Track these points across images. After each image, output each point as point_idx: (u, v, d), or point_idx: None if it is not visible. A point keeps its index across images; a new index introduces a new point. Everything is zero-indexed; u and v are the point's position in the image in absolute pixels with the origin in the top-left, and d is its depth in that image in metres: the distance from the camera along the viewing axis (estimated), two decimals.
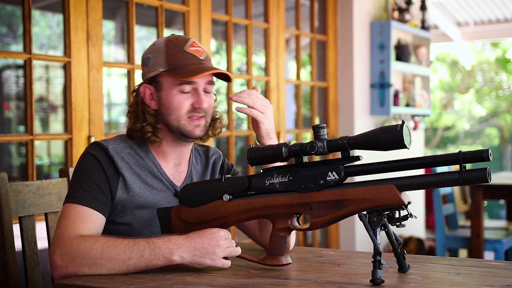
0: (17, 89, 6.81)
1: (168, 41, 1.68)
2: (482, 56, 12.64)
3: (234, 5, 3.82)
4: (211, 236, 1.47)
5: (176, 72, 1.63)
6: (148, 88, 1.68)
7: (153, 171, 1.68)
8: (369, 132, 1.37)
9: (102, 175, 1.60)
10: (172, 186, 1.70)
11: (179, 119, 1.65)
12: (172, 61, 1.64)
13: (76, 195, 1.56)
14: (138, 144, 1.69)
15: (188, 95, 1.65)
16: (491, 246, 4.16)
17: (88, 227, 1.53)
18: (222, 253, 1.47)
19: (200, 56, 1.66)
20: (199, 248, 1.46)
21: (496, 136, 13.28)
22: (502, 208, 8.26)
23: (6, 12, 7.07)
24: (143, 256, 1.44)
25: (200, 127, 1.67)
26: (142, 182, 1.65)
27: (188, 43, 1.67)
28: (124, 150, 1.66)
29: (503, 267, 1.49)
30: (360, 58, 4.70)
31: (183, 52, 1.65)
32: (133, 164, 1.65)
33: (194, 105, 1.64)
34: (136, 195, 1.64)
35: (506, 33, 7.39)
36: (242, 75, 4.47)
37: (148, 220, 1.66)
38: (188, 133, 1.66)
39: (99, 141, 1.66)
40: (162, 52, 1.66)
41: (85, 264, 1.44)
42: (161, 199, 1.67)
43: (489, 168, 1.27)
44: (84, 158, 1.63)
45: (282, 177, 1.47)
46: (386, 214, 1.36)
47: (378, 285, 1.31)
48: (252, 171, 3.42)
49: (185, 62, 1.64)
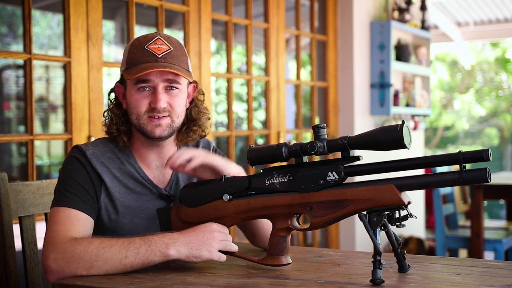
0: (17, 89, 6.81)
1: (136, 39, 1.65)
2: (482, 56, 12.63)
3: (234, 5, 3.82)
4: (205, 229, 1.48)
5: (129, 70, 1.60)
6: (120, 88, 1.68)
7: (134, 175, 1.66)
8: (369, 132, 1.37)
9: (86, 178, 1.60)
10: (156, 189, 1.68)
11: (138, 118, 1.62)
12: (130, 59, 1.62)
13: (63, 198, 1.56)
14: (120, 148, 1.68)
15: (146, 94, 1.61)
16: (491, 246, 4.16)
17: (79, 229, 1.52)
18: (217, 245, 1.47)
19: (158, 54, 1.60)
20: (195, 241, 1.46)
21: (496, 136, 13.28)
22: (502, 208, 8.25)
23: (6, 12, 7.06)
24: (139, 253, 1.43)
25: (161, 126, 1.62)
26: (123, 186, 1.64)
27: (152, 40, 1.62)
28: (104, 154, 1.64)
29: (503, 267, 1.49)
30: (360, 58, 4.70)
31: (142, 50, 1.61)
32: (113, 168, 1.64)
33: (151, 104, 1.61)
34: (116, 199, 1.63)
35: (506, 33, 7.39)
36: (242, 75, 4.47)
37: (133, 225, 1.64)
38: (148, 133, 1.63)
39: (80, 144, 1.65)
40: (127, 50, 1.65)
41: (82, 267, 1.43)
42: (144, 203, 1.66)
43: (489, 168, 1.27)
44: (68, 162, 1.62)
45: (282, 177, 1.47)
46: (386, 214, 1.36)
47: (378, 285, 1.31)
48: (252, 171, 3.42)
49: (140, 60, 1.60)
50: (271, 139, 4.09)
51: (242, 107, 9.03)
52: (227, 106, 3.87)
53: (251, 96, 3.99)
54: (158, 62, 1.59)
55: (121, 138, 1.66)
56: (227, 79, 3.88)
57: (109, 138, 1.70)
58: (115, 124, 1.66)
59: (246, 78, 4.02)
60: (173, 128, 1.65)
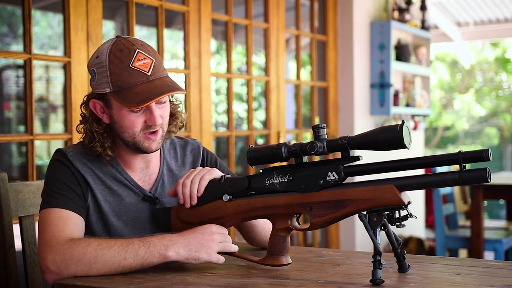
0: (17, 89, 6.81)
1: (111, 55, 1.55)
2: (481, 55, 12.63)
3: (234, 5, 3.82)
4: (204, 231, 1.48)
5: (122, 97, 1.53)
6: (97, 103, 1.61)
7: (116, 176, 1.64)
8: (369, 132, 1.37)
9: (72, 178, 1.59)
10: (140, 190, 1.66)
11: (133, 136, 1.59)
12: (116, 81, 1.54)
13: (52, 200, 1.55)
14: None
15: (140, 113, 1.57)
16: (491, 246, 4.16)
17: (73, 229, 1.51)
18: (216, 246, 1.47)
19: (147, 71, 1.54)
20: (194, 243, 1.45)
21: (496, 136, 13.28)
22: (502, 208, 8.25)
23: (6, 12, 7.06)
24: (138, 255, 1.43)
25: (156, 141, 1.61)
26: (106, 187, 1.63)
27: (133, 56, 1.54)
28: (86, 156, 1.62)
29: (503, 267, 1.49)
30: (360, 58, 4.70)
31: (128, 70, 1.53)
32: (96, 169, 1.62)
33: (147, 122, 1.58)
34: (100, 201, 1.61)
35: (506, 33, 7.39)
36: (242, 75, 4.47)
37: (118, 228, 1.63)
38: (145, 149, 1.61)
39: (62, 148, 1.64)
40: (105, 69, 1.55)
41: (81, 270, 1.42)
42: (126, 205, 1.64)
43: (489, 168, 1.27)
44: (52, 165, 1.61)
45: (282, 177, 1.47)
46: (386, 214, 1.36)
47: (378, 285, 1.31)
48: (252, 171, 3.42)
49: (131, 82, 1.53)
50: (271, 139, 4.09)
51: (242, 107, 9.03)
52: (227, 106, 3.87)
53: (251, 96, 3.99)
54: (149, 81, 1.54)
55: (106, 154, 1.62)
56: (227, 79, 3.88)
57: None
58: (98, 141, 1.61)
59: (246, 78, 4.02)
60: (164, 136, 1.65)
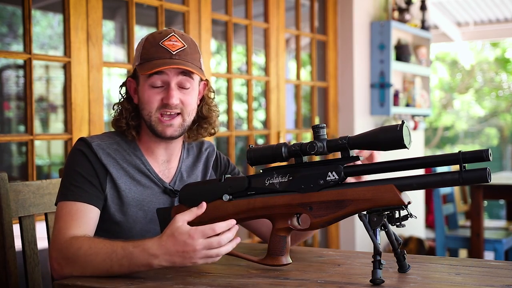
0: (17, 89, 6.81)
1: (151, 35, 1.66)
2: (481, 55, 12.63)
3: (234, 5, 3.82)
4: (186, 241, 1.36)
5: (141, 67, 1.61)
6: (132, 82, 1.68)
7: (140, 167, 1.66)
8: (369, 132, 1.37)
9: (90, 169, 1.60)
10: (161, 182, 1.69)
11: (150, 114, 1.62)
12: (144, 55, 1.62)
13: (67, 193, 1.57)
14: (127, 141, 1.68)
15: (159, 90, 1.62)
16: (491, 246, 4.16)
17: (79, 224, 1.52)
18: (200, 260, 1.38)
19: (173, 50, 1.61)
20: (177, 257, 1.37)
21: (496, 136, 13.28)
22: (502, 208, 8.25)
23: (6, 12, 7.06)
24: (122, 266, 1.40)
25: (173, 127, 1.63)
26: (129, 177, 1.64)
27: (166, 37, 1.62)
28: (110, 146, 1.65)
29: (503, 267, 1.49)
30: (360, 58, 4.70)
31: (157, 46, 1.61)
32: (120, 159, 1.64)
33: (164, 101, 1.61)
34: (122, 190, 1.63)
35: (506, 33, 7.39)
36: (243, 75, 4.47)
37: (138, 218, 1.65)
38: (159, 133, 1.64)
39: (85, 137, 1.66)
40: (141, 46, 1.65)
41: (77, 271, 1.43)
42: (148, 196, 1.66)
43: (489, 168, 1.27)
44: (72, 155, 1.63)
45: (282, 177, 1.47)
46: (386, 214, 1.36)
47: (378, 285, 1.31)
48: (252, 171, 3.42)
49: (155, 56, 1.61)
50: (271, 139, 4.09)
51: (242, 107, 9.03)
52: (227, 106, 3.87)
53: (251, 96, 3.99)
54: (172, 59, 1.60)
55: (129, 132, 1.67)
56: (227, 79, 3.88)
57: (115, 132, 1.71)
58: (125, 118, 1.66)
59: (246, 78, 4.02)
60: (184, 127, 1.66)
